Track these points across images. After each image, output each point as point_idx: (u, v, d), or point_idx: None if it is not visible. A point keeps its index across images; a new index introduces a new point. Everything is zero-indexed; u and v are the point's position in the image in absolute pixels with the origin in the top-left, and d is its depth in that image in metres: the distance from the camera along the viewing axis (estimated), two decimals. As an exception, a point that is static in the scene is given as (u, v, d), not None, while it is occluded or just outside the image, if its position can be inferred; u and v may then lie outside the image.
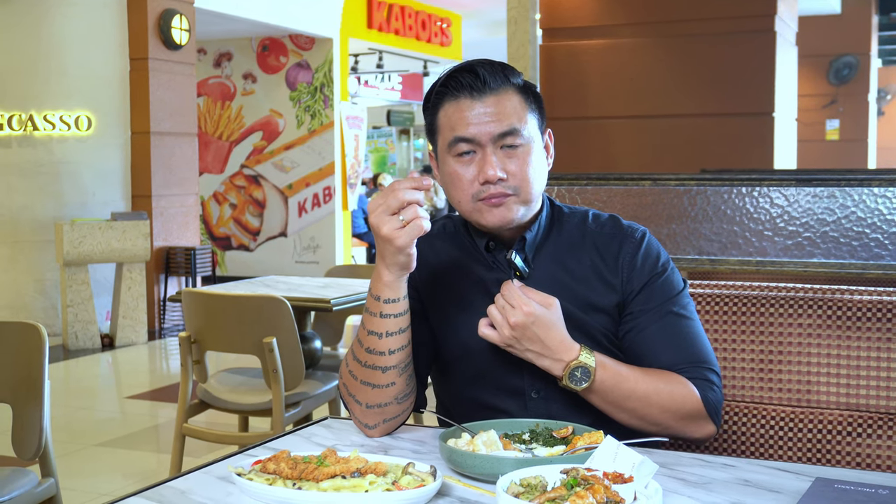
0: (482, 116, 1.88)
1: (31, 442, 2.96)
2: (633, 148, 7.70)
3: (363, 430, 1.92)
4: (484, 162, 1.87)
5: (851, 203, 3.51)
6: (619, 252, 1.98)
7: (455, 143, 1.90)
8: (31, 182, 9.04)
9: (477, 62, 1.93)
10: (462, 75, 1.91)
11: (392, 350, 1.84)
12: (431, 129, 1.98)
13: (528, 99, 1.94)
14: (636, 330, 1.95)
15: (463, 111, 1.89)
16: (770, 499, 1.53)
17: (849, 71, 13.94)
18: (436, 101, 1.95)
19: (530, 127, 1.92)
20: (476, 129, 1.88)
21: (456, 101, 1.91)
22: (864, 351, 2.19)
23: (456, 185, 1.92)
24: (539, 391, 1.95)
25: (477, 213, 1.92)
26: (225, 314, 4.14)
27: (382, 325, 1.83)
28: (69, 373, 7.90)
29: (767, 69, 7.31)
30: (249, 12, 11.47)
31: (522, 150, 1.90)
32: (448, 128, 1.91)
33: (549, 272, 1.97)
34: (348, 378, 1.91)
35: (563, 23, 8.03)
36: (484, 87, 1.89)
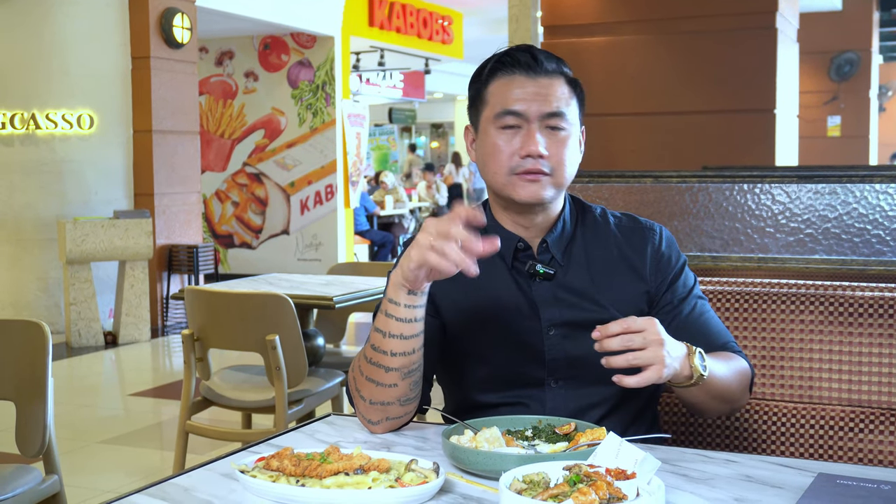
0: (533, 94, 1.94)
1: (34, 439, 2.97)
2: (635, 145, 7.70)
3: (367, 426, 1.92)
4: (528, 137, 1.93)
5: (853, 199, 3.51)
6: (644, 244, 2.04)
7: (503, 115, 1.95)
8: (33, 181, 9.05)
9: (529, 47, 2.02)
10: (520, 54, 1.98)
11: (394, 353, 1.82)
12: (477, 101, 2.03)
13: (575, 91, 2.00)
14: (680, 318, 2.01)
15: (515, 87, 1.95)
16: (772, 494, 1.53)
17: (850, 67, 13.93)
18: (489, 75, 2.00)
19: (573, 115, 1.98)
20: (525, 105, 1.93)
21: (510, 76, 1.97)
22: (866, 347, 2.20)
23: (496, 156, 1.96)
24: (558, 380, 1.97)
25: (510, 187, 1.96)
26: (228, 312, 4.14)
27: (386, 324, 1.82)
28: (72, 370, 7.90)
29: (769, 66, 7.31)
30: (251, 11, 11.47)
31: (564, 133, 1.96)
32: (498, 100, 1.96)
33: (581, 265, 2.01)
34: (356, 372, 1.91)
35: (565, 20, 8.03)
36: (539, 68, 1.96)
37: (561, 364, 1.97)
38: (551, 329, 1.96)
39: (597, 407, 1.97)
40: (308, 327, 4.60)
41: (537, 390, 1.98)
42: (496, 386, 2.00)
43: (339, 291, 4.46)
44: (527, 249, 2.01)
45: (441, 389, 2.15)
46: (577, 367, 1.96)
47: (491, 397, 2.01)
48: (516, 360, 1.98)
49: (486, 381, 2.01)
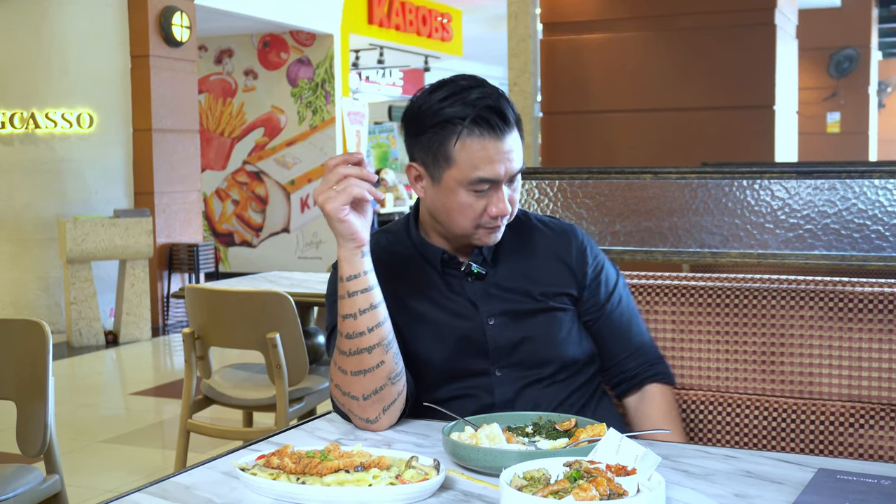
0: (505, 156, 1.96)
1: (35, 439, 2.97)
2: (634, 142, 7.70)
3: (367, 427, 1.93)
4: (498, 199, 1.98)
5: (852, 195, 3.51)
6: (569, 238, 2.16)
7: (478, 182, 1.95)
8: (33, 180, 9.05)
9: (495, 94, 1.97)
10: (489, 115, 1.94)
11: (370, 327, 1.88)
12: (438, 153, 1.98)
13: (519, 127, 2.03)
14: (596, 324, 2.16)
15: (489, 151, 1.94)
16: (773, 490, 1.54)
17: (849, 63, 13.92)
18: (450, 132, 1.95)
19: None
20: (501, 170, 1.95)
21: (481, 138, 1.94)
22: (866, 342, 2.20)
23: (464, 213, 2.00)
24: (502, 368, 2.06)
25: (473, 237, 2.04)
26: (228, 310, 4.14)
27: (354, 304, 1.87)
28: (73, 370, 7.90)
29: (768, 62, 7.31)
30: (250, 9, 11.46)
31: (518, 179, 2.03)
32: (469, 165, 1.95)
33: (511, 263, 2.11)
34: (339, 378, 1.93)
35: (564, 17, 8.03)
36: (505, 126, 1.96)
37: (503, 352, 2.05)
38: (491, 319, 2.05)
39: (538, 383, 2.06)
40: (309, 325, 4.60)
41: (483, 379, 2.05)
42: (444, 381, 2.07)
43: (340, 289, 4.46)
44: (452, 259, 2.09)
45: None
46: (518, 353, 2.05)
47: (441, 392, 2.07)
48: (460, 354, 2.05)
49: (434, 379, 2.07)
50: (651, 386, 2.17)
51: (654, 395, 2.16)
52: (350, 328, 1.88)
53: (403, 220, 2.15)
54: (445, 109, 1.96)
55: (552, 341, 2.07)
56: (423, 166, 2.02)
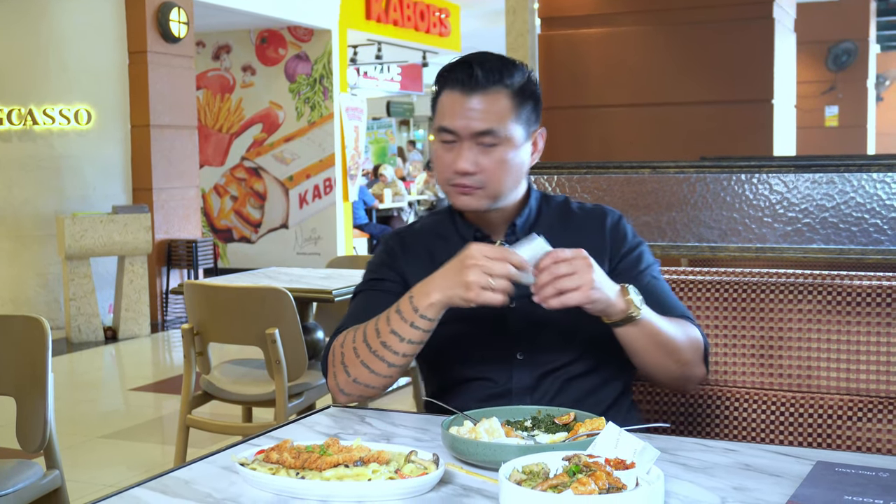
0: (466, 112, 2.01)
1: (35, 434, 2.97)
2: (633, 136, 7.70)
3: (336, 395, 2.03)
4: (458, 154, 2.03)
5: (850, 189, 3.51)
6: (604, 222, 2.14)
7: (441, 131, 2.05)
8: (31, 176, 9.05)
9: (477, 58, 2.05)
10: (461, 68, 2.04)
11: (405, 354, 1.94)
12: (433, 108, 2.13)
13: (521, 101, 2.05)
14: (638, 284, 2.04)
15: (453, 103, 2.03)
16: (771, 483, 1.54)
17: (847, 57, 13.91)
18: (440, 85, 2.08)
19: (511, 128, 2.04)
20: (458, 123, 2.02)
21: (451, 92, 2.04)
22: (864, 336, 2.20)
23: (437, 165, 2.10)
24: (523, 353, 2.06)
25: (449, 196, 2.10)
26: (227, 306, 4.15)
27: (408, 332, 1.92)
28: (73, 366, 7.91)
29: (766, 56, 7.30)
30: (247, 4, 11.45)
31: (499, 149, 2.03)
32: (440, 114, 2.06)
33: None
34: (349, 351, 1.99)
35: (562, 12, 8.02)
36: (475, 85, 2.01)
37: (525, 335, 2.05)
38: (513, 301, 2.01)
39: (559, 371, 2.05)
40: (307, 321, 4.60)
41: (504, 363, 2.06)
42: (465, 362, 2.08)
43: (339, 285, 4.47)
44: (485, 238, 2.12)
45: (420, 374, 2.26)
46: (541, 336, 2.05)
47: (461, 373, 2.09)
48: (482, 335, 2.06)
49: (455, 359, 2.09)
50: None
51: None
52: (390, 342, 1.93)
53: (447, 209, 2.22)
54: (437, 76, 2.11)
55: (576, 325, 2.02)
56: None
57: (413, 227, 2.24)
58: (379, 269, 2.18)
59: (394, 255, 2.17)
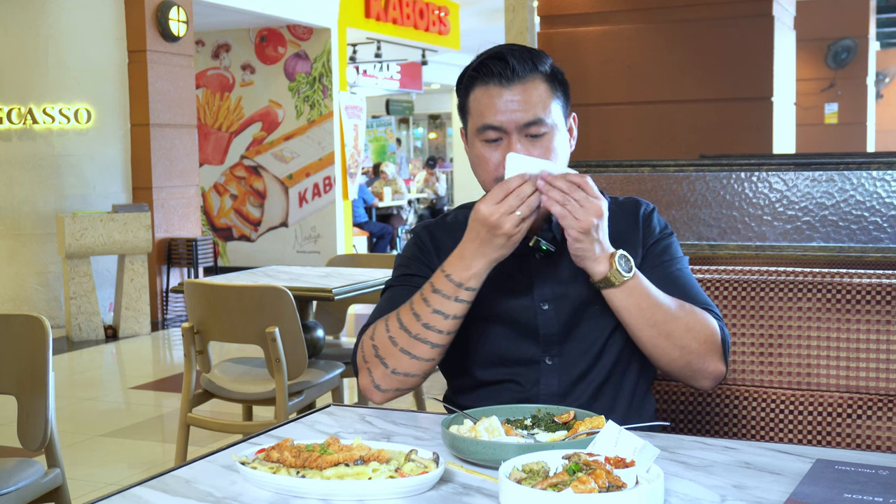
0: (509, 104, 1.95)
1: (36, 433, 2.98)
2: (632, 134, 7.70)
3: (371, 393, 1.99)
4: (509, 149, 1.95)
5: (850, 186, 3.51)
6: (637, 212, 2.10)
7: (484, 129, 1.98)
8: (31, 175, 9.05)
9: (507, 49, 2.00)
10: (492, 62, 1.97)
11: (450, 331, 1.93)
12: (462, 110, 2.07)
13: (555, 86, 2.01)
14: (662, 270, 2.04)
15: (492, 98, 1.97)
16: (771, 481, 1.54)
17: (847, 54, 13.91)
18: (467, 84, 2.03)
19: (554, 114, 1.99)
20: (503, 118, 1.95)
21: (486, 87, 1.98)
22: (864, 333, 2.20)
23: (482, 167, 2.01)
24: (552, 357, 2.00)
25: None
26: (227, 304, 4.15)
27: (453, 308, 1.91)
28: (73, 364, 7.91)
29: (766, 53, 7.30)
30: (247, 3, 11.45)
31: (546, 137, 1.98)
32: (477, 113, 1.99)
33: None
34: (384, 342, 1.96)
35: (561, 10, 8.02)
36: (512, 76, 1.96)
37: (554, 339, 2.01)
38: (545, 304, 2.01)
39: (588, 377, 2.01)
40: (307, 319, 4.60)
41: (532, 367, 2.02)
42: (491, 363, 2.04)
43: (339, 283, 4.47)
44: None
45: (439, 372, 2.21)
46: (570, 342, 2.01)
47: (487, 374, 2.05)
48: (510, 336, 2.03)
49: (482, 359, 2.05)
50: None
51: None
52: (434, 322, 1.91)
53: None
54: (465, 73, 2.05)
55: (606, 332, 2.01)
56: (463, 128, 2.09)
57: (444, 220, 2.19)
58: (410, 263, 2.15)
59: (424, 248, 2.14)
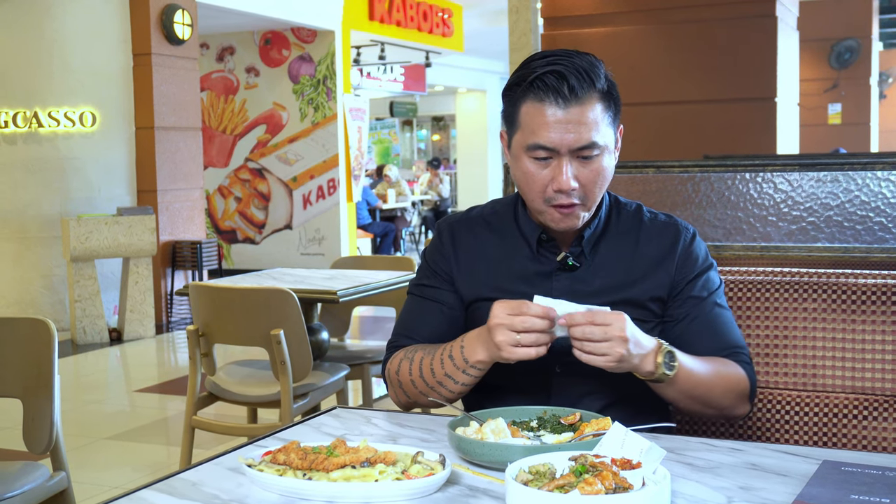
0: (564, 126, 1.89)
1: (41, 436, 2.98)
2: (636, 135, 7.67)
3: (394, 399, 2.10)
4: (559, 171, 1.91)
5: (855, 187, 3.51)
6: (676, 243, 2.05)
7: (534, 148, 1.92)
8: (36, 178, 9.06)
9: (565, 63, 1.91)
10: (549, 77, 1.90)
11: (458, 393, 1.98)
12: (509, 118, 2.00)
13: (609, 104, 1.96)
14: (689, 318, 2.03)
15: (546, 117, 1.90)
16: (777, 482, 1.54)
17: (850, 55, 13.89)
18: (520, 95, 1.94)
19: (606, 134, 1.95)
20: (557, 139, 1.89)
21: (540, 103, 1.91)
22: (870, 334, 2.20)
23: (529, 184, 1.96)
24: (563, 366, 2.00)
25: (545, 216, 1.98)
26: (232, 307, 4.15)
27: (461, 377, 1.95)
28: (78, 367, 7.92)
29: (769, 54, 7.30)
30: (251, 6, 11.46)
31: (596, 159, 1.93)
32: (529, 129, 1.92)
33: (604, 259, 2.04)
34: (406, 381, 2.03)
35: (565, 11, 8.02)
36: (570, 95, 1.89)
37: (566, 350, 1.96)
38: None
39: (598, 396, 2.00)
40: (312, 321, 4.61)
41: (542, 378, 2.01)
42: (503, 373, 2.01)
43: (343, 285, 4.47)
44: (550, 241, 2.04)
45: None
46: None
47: (501, 381, 2.04)
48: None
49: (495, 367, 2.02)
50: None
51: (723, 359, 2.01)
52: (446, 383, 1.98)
53: (515, 194, 2.12)
54: (515, 74, 1.97)
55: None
56: (505, 133, 2.03)
57: (469, 215, 2.16)
58: (427, 270, 2.15)
59: (442, 250, 2.13)
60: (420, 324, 2.11)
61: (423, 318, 2.11)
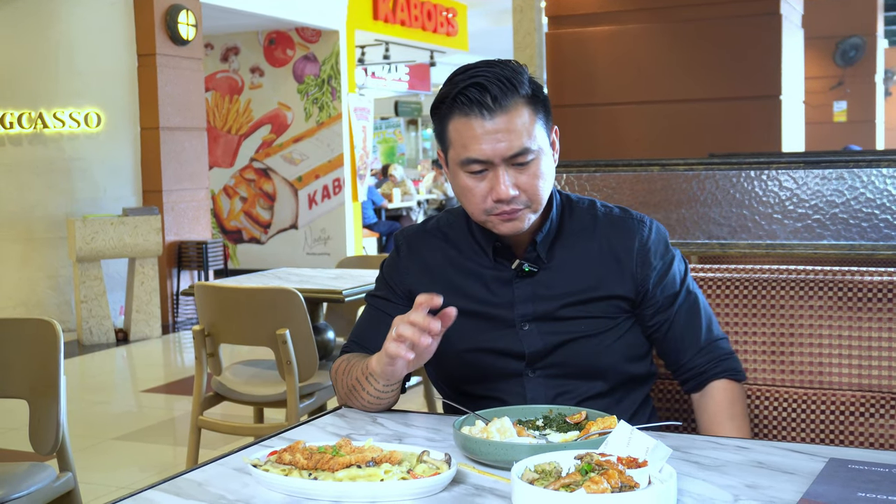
0: (493, 136, 1.87)
1: (48, 437, 2.98)
2: (641, 134, 7.70)
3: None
4: (496, 181, 1.89)
5: (860, 184, 3.50)
6: (632, 236, 2.02)
7: (468, 162, 1.90)
8: (42, 179, 9.07)
9: (486, 74, 1.90)
10: (471, 91, 1.88)
11: (369, 403, 1.98)
12: (441, 137, 1.98)
13: (536, 107, 1.92)
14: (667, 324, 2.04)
15: (474, 130, 1.88)
16: (784, 480, 1.54)
17: (855, 52, 13.88)
18: (445, 113, 1.93)
19: (539, 138, 1.91)
20: (488, 150, 1.87)
21: (466, 118, 1.89)
22: (875, 332, 2.20)
23: (468, 198, 1.94)
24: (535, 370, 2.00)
25: (489, 224, 1.96)
26: (238, 307, 4.15)
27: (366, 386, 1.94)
28: (84, 368, 7.93)
29: (774, 52, 7.29)
30: (255, 6, 11.47)
31: (533, 163, 1.91)
32: (460, 144, 1.91)
33: (563, 261, 2.02)
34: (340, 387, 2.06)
35: (569, 10, 8.02)
36: (494, 105, 1.87)
37: (538, 355, 1.99)
38: (525, 324, 1.99)
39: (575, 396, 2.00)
40: (318, 321, 4.61)
41: (516, 381, 2.01)
42: (475, 380, 2.04)
43: (349, 285, 4.47)
44: (505, 249, 2.03)
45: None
46: (555, 358, 1.99)
47: (471, 390, 2.05)
48: (493, 353, 2.01)
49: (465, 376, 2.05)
50: (716, 382, 2.04)
51: (718, 390, 2.03)
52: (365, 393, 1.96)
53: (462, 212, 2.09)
54: (441, 90, 1.95)
55: (595, 350, 1.99)
56: (441, 151, 2.01)
57: (425, 227, 2.15)
58: (382, 283, 2.16)
59: (399, 265, 2.13)
60: (372, 334, 2.09)
61: (376, 329, 2.08)
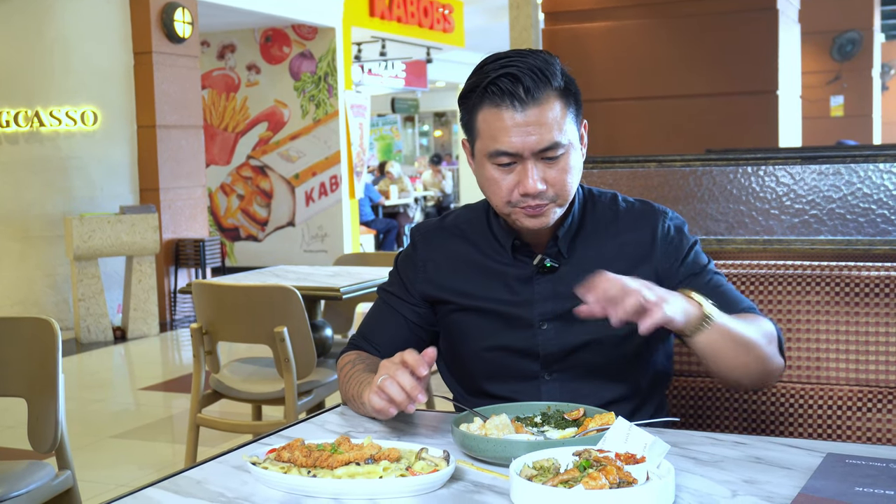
0: (524, 129, 1.84)
1: (46, 435, 2.98)
2: (638, 130, 7.69)
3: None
4: (525, 175, 1.86)
5: (857, 179, 3.51)
6: (654, 228, 2.00)
7: (497, 154, 1.87)
8: (39, 178, 9.07)
9: (518, 65, 1.85)
10: (503, 81, 1.84)
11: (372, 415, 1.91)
12: (468, 127, 1.95)
13: (568, 100, 1.90)
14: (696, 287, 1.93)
15: (504, 122, 1.84)
16: (782, 475, 1.54)
17: (852, 47, 13.87)
18: (476, 102, 1.89)
19: (569, 132, 1.88)
20: (518, 143, 1.84)
21: (497, 108, 1.85)
22: (873, 326, 2.20)
23: (494, 189, 1.91)
24: (552, 373, 1.97)
25: (514, 217, 1.92)
26: (235, 305, 4.15)
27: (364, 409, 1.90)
28: (82, 366, 7.93)
29: (770, 47, 7.29)
30: (251, 3, 11.46)
31: (562, 158, 1.88)
32: (488, 136, 1.88)
33: (584, 256, 1.98)
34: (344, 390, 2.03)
35: (565, 6, 8.01)
36: (526, 97, 1.83)
37: (555, 357, 1.96)
38: (543, 324, 1.96)
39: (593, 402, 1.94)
40: (316, 318, 4.61)
41: (531, 383, 1.99)
42: (492, 378, 2.02)
43: (346, 282, 4.47)
44: (524, 246, 2.00)
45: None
46: (572, 361, 1.96)
47: (490, 389, 2.02)
48: (510, 353, 1.99)
49: (482, 374, 2.03)
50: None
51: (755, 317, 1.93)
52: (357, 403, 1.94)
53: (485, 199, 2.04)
54: (469, 80, 1.92)
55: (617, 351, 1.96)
56: (467, 141, 1.98)
57: (442, 223, 2.11)
58: (396, 278, 2.12)
59: (415, 259, 2.09)
60: (380, 330, 2.09)
61: (385, 325, 2.08)
